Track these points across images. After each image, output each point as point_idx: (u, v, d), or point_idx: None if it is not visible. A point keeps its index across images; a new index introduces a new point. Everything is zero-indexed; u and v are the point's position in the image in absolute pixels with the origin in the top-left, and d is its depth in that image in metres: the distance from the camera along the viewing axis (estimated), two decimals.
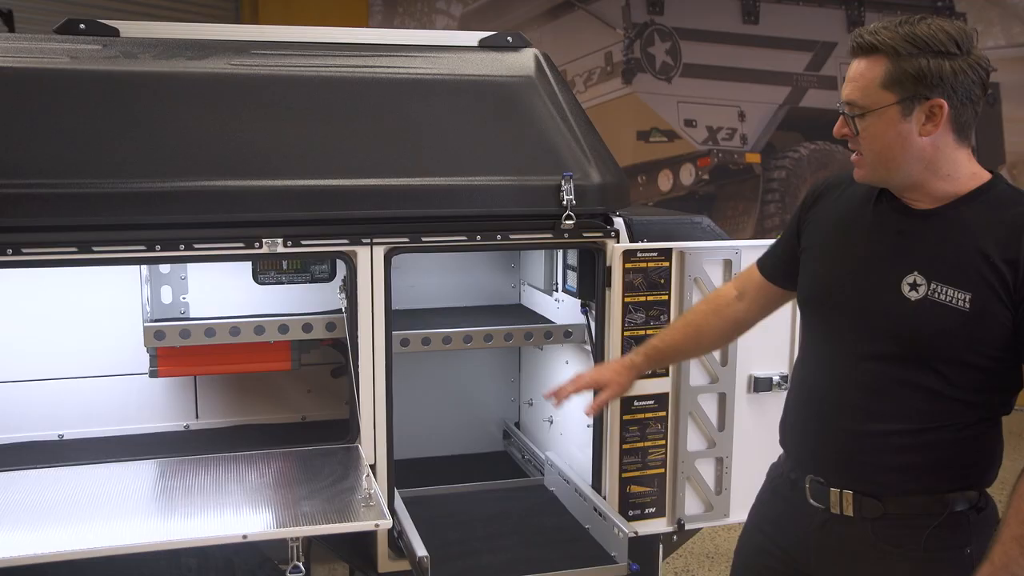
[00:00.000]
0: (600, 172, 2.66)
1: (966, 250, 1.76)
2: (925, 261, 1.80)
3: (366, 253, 2.50)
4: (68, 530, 2.10)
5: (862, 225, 1.92)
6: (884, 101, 1.74)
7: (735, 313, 2.26)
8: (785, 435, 2.10)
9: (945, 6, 6.95)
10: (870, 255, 1.88)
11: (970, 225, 1.77)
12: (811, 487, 1.96)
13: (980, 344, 1.75)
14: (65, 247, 2.28)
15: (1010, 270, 1.72)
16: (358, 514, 2.16)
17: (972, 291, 1.74)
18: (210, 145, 2.42)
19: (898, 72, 1.72)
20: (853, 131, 1.79)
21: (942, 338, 1.77)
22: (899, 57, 1.72)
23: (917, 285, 1.79)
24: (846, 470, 1.91)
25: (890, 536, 1.86)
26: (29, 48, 2.45)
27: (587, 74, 8.10)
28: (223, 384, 3.03)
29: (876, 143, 1.78)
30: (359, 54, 2.67)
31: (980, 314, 1.73)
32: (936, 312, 1.76)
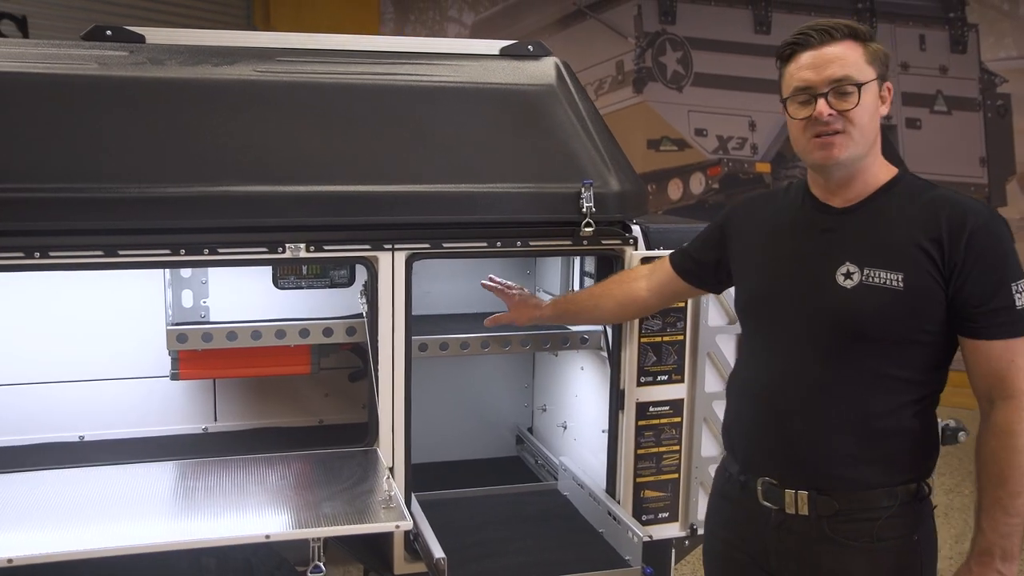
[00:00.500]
0: (619, 180, 2.69)
1: (892, 235, 1.90)
2: (854, 251, 1.92)
3: (388, 258, 2.53)
4: (90, 529, 2.13)
5: (790, 231, 2.06)
6: (871, 76, 1.89)
7: (636, 289, 2.50)
8: (732, 439, 2.17)
9: (958, 17, 6.97)
10: (802, 255, 2.01)
11: (890, 213, 1.92)
12: (763, 488, 2.04)
13: (918, 319, 1.88)
14: (91, 251, 2.32)
15: (936, 248, 1.85)
16: (378, 515, 2.19)
17: (903, 271, 1.87)
18: (234, 151, 2.45)
19: (871, 52, 1.90)
20: (856, 102, 1.86)
21: (882, 317, 1.88)
22: (867, 41, 1.91)
23: (851, 274, 1.91)
24: (801, 470, 1.99)
25: (844, 530, 1.96)
26: (57, 54, 2.49)
27: (598, 83, 8.17)
28: (241, 387, 3.06)
29: (866, 116, 1.89)
30: (382, 62, 2.71)
31: (914, 291, 1.86)
32: (872, 294, 1.89)
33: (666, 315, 2.73)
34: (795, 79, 1.92)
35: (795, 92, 1.92)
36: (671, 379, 2.77)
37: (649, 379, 2.76)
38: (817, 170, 1.98)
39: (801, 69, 1.90)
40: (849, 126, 1.88)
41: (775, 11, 7.49)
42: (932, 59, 7.07)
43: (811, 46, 1.89)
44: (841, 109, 1.87)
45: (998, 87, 6.94)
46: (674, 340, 2.76)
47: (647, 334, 2.73)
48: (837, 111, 1.87)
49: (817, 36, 1.89)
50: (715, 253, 2.30)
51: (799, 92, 1.91)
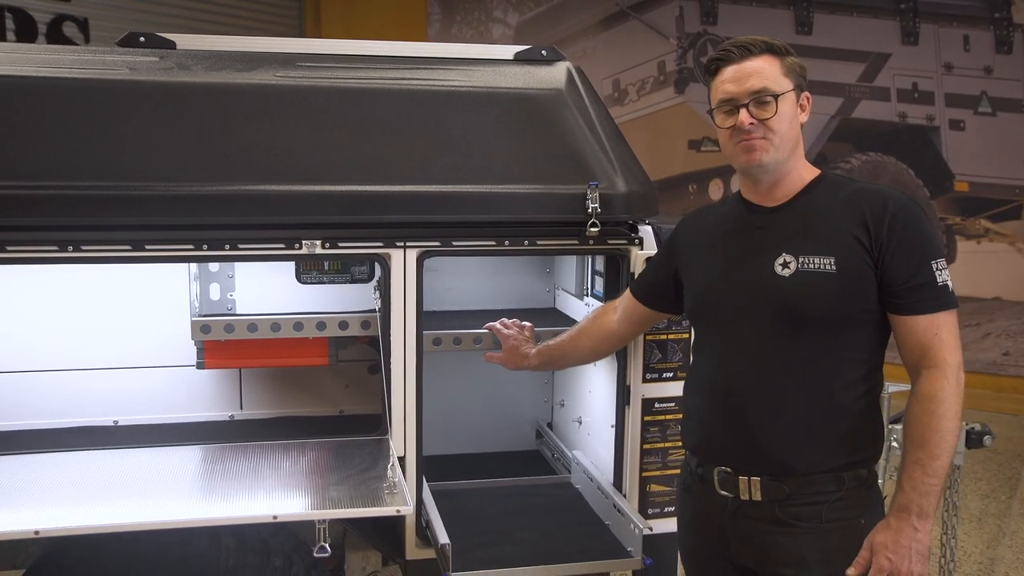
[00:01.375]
0: (626, 181, 2.76)
1: (822, 226, 2.07)
2: (789, 243, 2.09)
3: (400, 255, 2.64)
4: (114, 507, 2.28)
5: (727, 233, 2.24)
6: (788, 87, 2.07)
7: (608, 324, 2.66)
8: (689, 435, 2.31)
9: (1003, 17, 6.87)
10: (739, 253, 2.17)
11: (818, 207, 2.10)
12: (719, 478, 2.16)
13: (854, 299, 2.03)
14: (119, 245, 2.47)
15: (863, 232, 2.02)
16: (382, 500, 2.30)
17: (835, 255, 2.03)
18: (255, 152, 2.58)
19: (788, 65, 2.08)
20: (773, 111, 2.04)
21: (820, 299, 2.03)
22: (783, 55, 2.09)
23: (788, 263, 2.07)
24: (753, 457, 2.11)
25: (795, 514, 2.09)
26: (93, 60, 2.65)
27: (640, 83, 8.21)
28: (266, 377, 3.20)
29: (785, 124, 2.06)
30: (399, 67, 2.82)
31: (846, 272, 2.02)
32: (809, 279, 2.04)
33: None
34: (719, 91, 2.11)
35: (720, 103, 2.11)
36: (676, 376, 2.83)
37: (655, 376, 2.83)
38: (744, 173, 2.17)
39: (724, 82, 2.09)
40: (769, 132, 2.06)
41: (817, 12, 7.46)
42: (976, 60, 6.98)
43: (732, 61, 2.08)
44: (761, 118, 2.05)
45: None
46: (679, 338, 2.82)
47: (653, 332, 2.80)
48: (757, 120, 2.05)
49: (737, 52, 2.08)
50: (666, 270, 2.45)
51: (723, 103, 2.10)
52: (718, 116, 2.13)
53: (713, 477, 2.17)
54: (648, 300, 2.54)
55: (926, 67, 6.94)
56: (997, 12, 6.89)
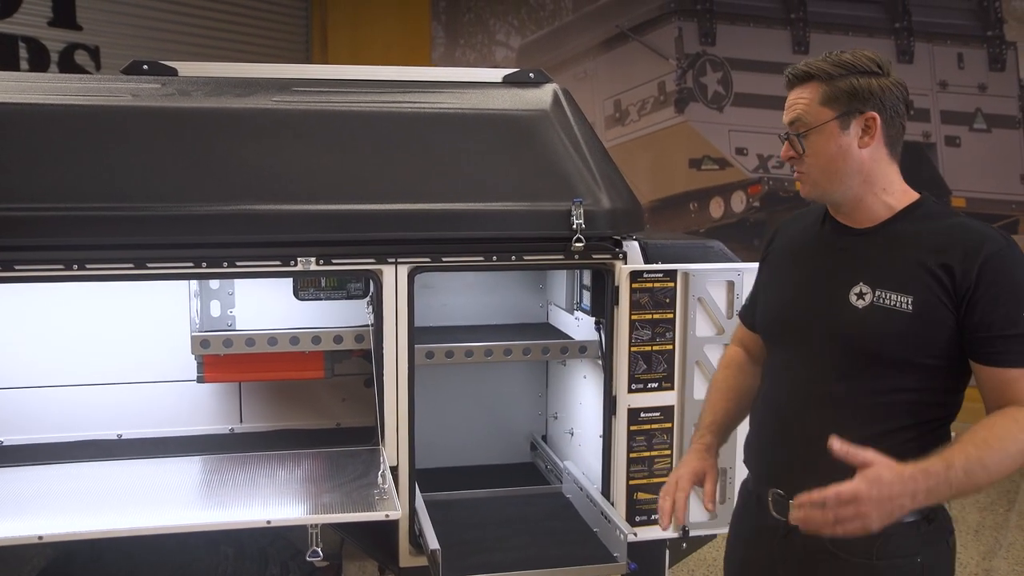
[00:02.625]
0: (610, 198, 2.86)
1: (905, 259, 1.91)
2: (869, 272, 1.95)
3: (391, 271, 2.74)
4: (118, 513, 2.38)
5: (808, 249, 2.09)
6: (824, 117, 1.91)
7: (756, 371, 2.33)
8: (749, 453, 2.21)
9: (996, 35, 6.96)
10: (817, 273, 2.04)
11: (907, 238, 1.93)
12: (773, 500, 2.07)
13: (927, 344, 1.88)
14: (122, 264, 2.57)
15: (947, 275, 1.85)
16: (373, 506, 2.39)
17: (914, 295, 1.87)
18: (251, 173, 2.69)
19: (833, 91, 1.91)
20: (800, 149, 1.94)
21: (891, 340, 1.90)
22: (832, 79, 1.92)
23: (863, 294, 1.94)
24: (804, 482, 1.94)
25: (844, 545, 1.94)
26: (98, 88, 2.77)
27: (641, 103, 8.32)
28: (266, 391, 3.30)
29: (819, 158, 1.93)
30: (391, 90, 2.94)
31: (923, 315, 1.86)
32: (883, 316, 1.90)
33: (655, 325, 2.88)
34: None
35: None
36: (661, 386, 2.92)
37: (640, 386, 2.91)
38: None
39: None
40: (804, 167, 1.97)
41: (813, 31, 7.56)
42: (971, 77, 7.06)
43: (788, 87, 2.00)
44: (787, 157, 1.99)
45: None
46: (663, 349, 2.91)
47: (637, 343, 2.89)
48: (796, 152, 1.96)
49: (791, 78, 1.99)
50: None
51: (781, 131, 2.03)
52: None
53: (767, 498, 2.09)
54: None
55: (921, 85, 7.03)
56: (990, 30, 6.98)
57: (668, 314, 2.89)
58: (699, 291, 2.89)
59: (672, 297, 2.89)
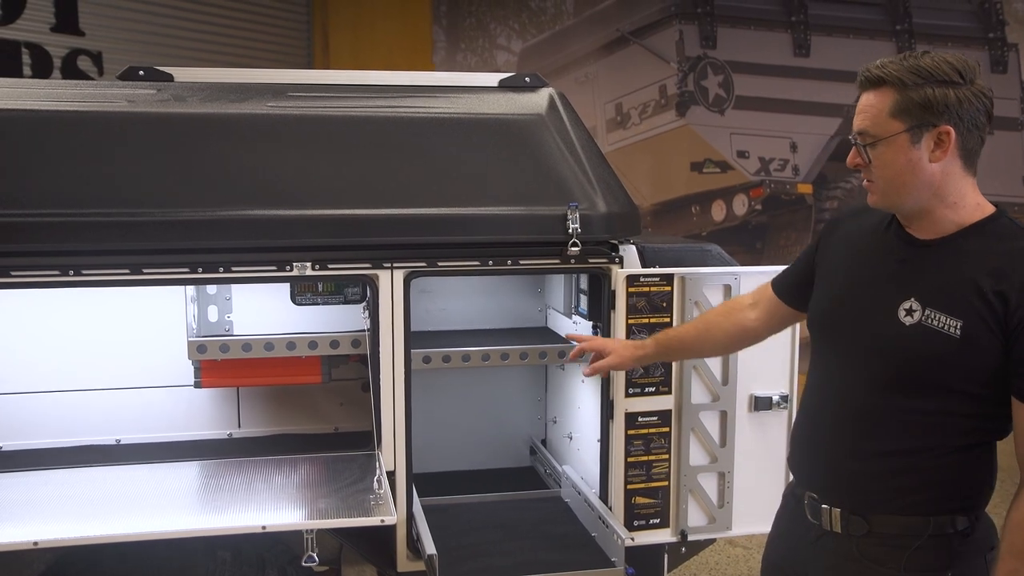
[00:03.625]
0: (606, 202, 2.85)
1: (961, 279, 1.83)
2: (922, 288, 1.88)
3: (387, 276, 2.74)
4: (115, 519, 2.38)
5: (869, 252, 2.02)
6: (893, 129, 1.83)
7: (744, 320, 2.40)
8: (792, 453, 2.21)
9: (997, 37, 6.95)
10: (872, 280, 1.98)
11: (969, 256, 1.85)
12: (809, 503, 2.07)
13: (970, 371, 1.82)
14: (118, 269, 2.58)
15: (1000, 302, 1.78)
16: (368, 510, 2.38)
17: (963, 319, 1.81)
18: (247, 178, 2.69)
19: (905, 101, 1.81)
20: (866, 160, 1.88)
21: (933, 363, 1.85)
22: (906, 87, 1.82)
23: (912, 311, 1.88)
24: (836, 488, 2.00)
25: (873, 554, 1.95)
26: (94, 94, 2.78)
27: (642, 107, 8.31)
28: (263, 396, 3.30)
29: (887, 170, 1.86)
30: (387, 95, 2.93)
31: (970, 342, 1.80)
32: (928, 337, 1.85)
33: (652, 329, 2.87)
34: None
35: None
36: (659, 391, 2.91)
37: (637, 390, 2.91)
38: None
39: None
40: (872, 176, 1.90)
41: (814, 34, 7.56)
42: None
43: (861, 88, 1.91)
44: (854, 164, 1.92)
45: None
46: None
47: None
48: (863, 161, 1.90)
49: (864, 81, 1.89)
50: (809, 268, 2.21)
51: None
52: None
53: (804, 501, 2.09)
54: (787, 297, 2.29)
55: None
56: (991, 32, 6.98)
57: (665, 318, 2.89)
58: (696, 295, 2.89)
59: (669, 301, 2.89)
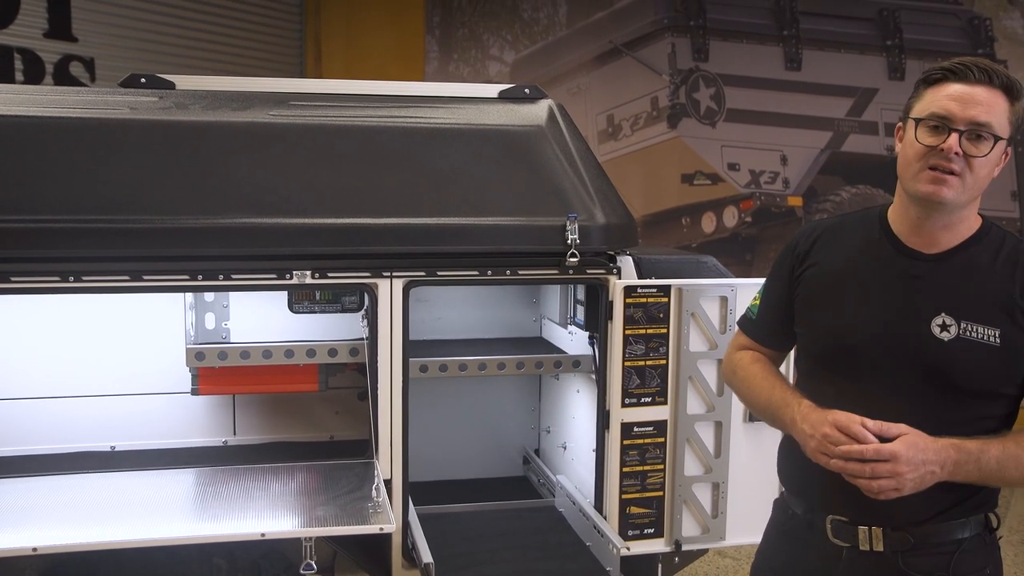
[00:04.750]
0: (605, 214, 2.88)
1: (986, 289, 1.88)
2: (949, 302, 1.89)
3: (386, 285, 2.75)
4: (112, 525, 2.38)
5: (872, 273, 1.99)
6: (1004, 133, 1.85)
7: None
8: (793, 478, 2.13)
9: (986, 54, 7.03)
10: (890, 301, 1.96)
11: (981, 264, 1.90)
12: (832, 526, 2.01)
13: (1012, 375, 1.89)
14: (118, 276, 2.58)
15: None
16: (367, 519, 2.39)
17: (999, 326, 1.86)
18: (248, 186, 2.70)
19: (1014, 112, 1.86)
20: (984, 152, 1.82)
21: (979, 373, 1.88)
22: (1014, 98, 1.86)
23: (947, 326, 1.89)
24: (875, 508, 1.93)
25: (920, 564, 1.95)
26: (96, 101, 2.79)
27: (634, 118, 8.35)
28: (259, 404, 3.30)
29: (985, 169, 1.85)
30: (388, 105, 2.95)
31: (1010, 346, 1.86)
32: (970, 349, 1.88)
33: (649, 340, 2.90)
34: (936, 105, 1.85)
35: (930, 117, 1.85)
36: (655, 401, 2.93)
37: (633, 401, 2.92)
38: (918, 202, 1.90)
39: (947, 98, 1.84)
40: (967, 172, 1.83)
41: (805, 48, 7.62)
42: None
43: (967, 80, 1.84)
44: (970, 153, 1.82)
45: None
46: (657, 364, 2.92)
47: (631, 358, 2.90)
48: (964, 153, 1.82)
49: (976, 73, 1.84)
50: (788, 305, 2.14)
51: (935, 118, 1.85)
52: (921, 130, 1.86)
53: (825, 525, 2.02)
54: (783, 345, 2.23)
55: None
56: (981, 48, 7.06)
57: (662, 329, 2.91)
58: (692, 306, 2.91)
59: (666, 312, 2.91)
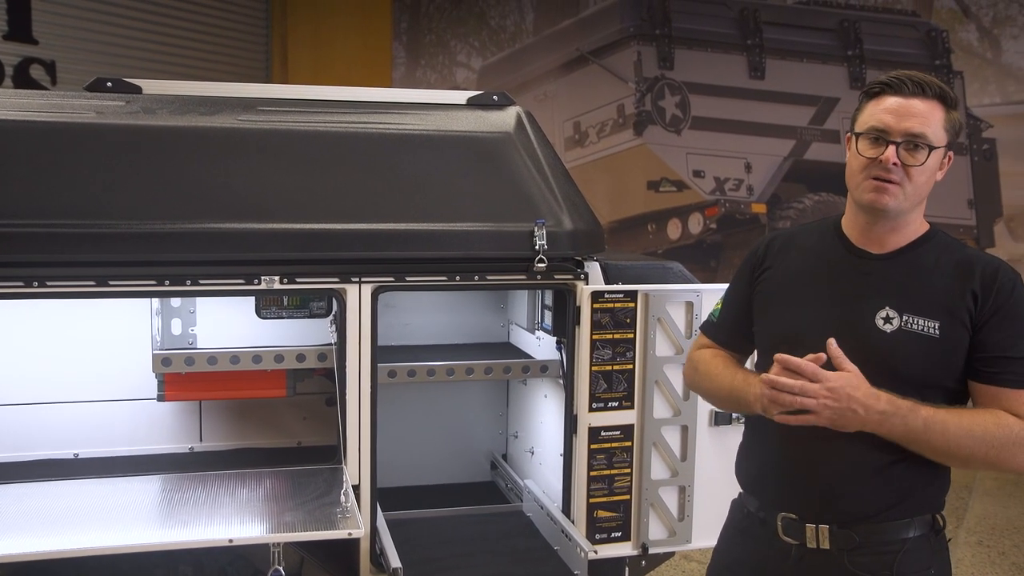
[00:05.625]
0: (572, 220, 2.90)
1: (930, 285, 1.98)
2: (894, 296, 1.98)
3: (355, 291, 2.75)
4: (76, 533, 2.35)
5: (825, 272, 2.09)
6: (941, 142, 1.93)
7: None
8: (749, 476, 2.19)
9: (943, 65, 7.17)
10: (839, 296, 2.05)
11: (928, 264, 2.00)
12: (783, 524, 2.06)
13: (950, 367, 1.96)
14: (83, 281, 2.56)
15: (971, 301, 1.95)
16: (335, 524, 2.39)
17: (939, 319, 1.95)
18: (216, 191, 2.69)
19: (950, 120, 1.95)
20: (921, 161, 1.91)
21: (919, 363, 1.96)
22: (949, 107, 1.96)
23: (890, 318, 1.98)
24: (821, 506, 2.02)
25: (864, 563, 1.99)
26: (61, 104, 2.76)
27: (600, 125, 8.42)
28: (226, 410, 3.28)
29: (924, 176, 1.93)
30: (357, 111, 2.96)
31: (948, 339, 1.94)
32: (911, 340, 1.96)
33: (616, 345, 2.92)
34: (874, 119, 1.94)
35: (869, 131, 1.94)
36: (621, 405, 2.96)
37: (600, 405, 2.94)
38: (863, 210, 2.01)
39: (884, 111, 1.93)
40: (906, 180, 1.92)
41: (769, 58, 7.73)
42: None
43: (901, 93, 1.93)
44: (907, 163, 1.91)
45: (983, 132, 7.13)
46: (624, 369, 2.95)
47: (598, 363, 2.92)
48: (902, 163, 1.91)
49: (911, 86, 1.93)
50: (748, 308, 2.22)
51: (873, 131, 1.94)
52: (862, 142, 1.96)
53: (776, 523, 2.07)
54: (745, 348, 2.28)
55: None
56: (938, 60, 7.21)
57: (628, 334, 2.93)
58: (659, 311, 2.94)
59: (633, 317, 2.94)
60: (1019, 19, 7.03)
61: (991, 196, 7.14)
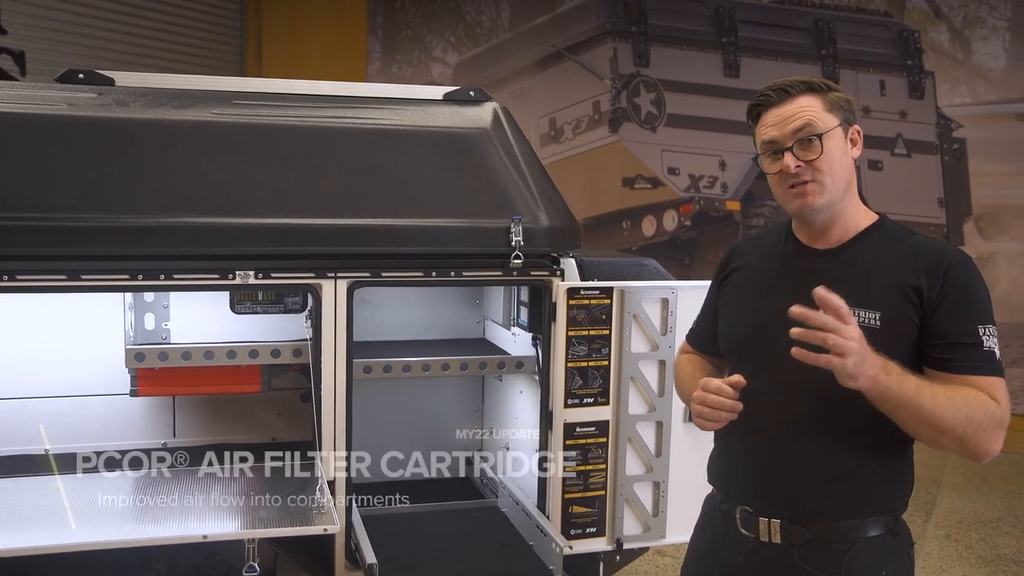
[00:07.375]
0: (548, 216, 2.91)
1: (872, 279, 1.98)
2: (835, 291, 1.94)
3: (330, 286, 2.74)
4: (47, 530, 2.33)
5: (774, 271, 2.14)
6: (832, 123, 1.97)
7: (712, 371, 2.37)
8: (716, 471, 2.23)
9: (915, 65, 7.25)
10: (785, 294, 2.01)
11: (871, 258, 2.00)
12: (741, 517, 2.10)
13: (896, 356, 1.89)
14: (55, 275, 2.53)
15: (915, 293, 1.94)
16: (310, 520, 2.38)
17: (880, 311, 1.94)
18: (190, 185, 2.67)
19: (831, 101, 1.98)
20: (820, 150, 1.95)
21: None
22: (824, 92, 1.99)
23: None
24: (774, 500, 2.05)
25: (815, 560, 2.00)
26: (32, 96, 2.73)
27: (576, 122, 8.43)
28: (200, 406, 3.26)
29: (834, 163, 1.96)
30: (333, 105, 2.94)
31: (891, 329, 1.93)
32: None
33: (592, 341, 2.94)
34: (762, 136, 2.02)
35: (764, 147, 2.01)
36: (597, 401, 2.97)
37: (576, 401, 2.96)
38: (798, 218, 2.06)
39: (766, 127, 2.00)
40: (818, 174, 1.95)
41: (743, 56, 7.77)
42: (892, 104, 7.34)
43: (772, 105, 1.99)
44: (807, 159, 1.95)
45: (954, 132, 7.21)
46: (599, 365, 2.96)
47: (574, 359, 2.93)
48: (804, 162, 1.95)
49: (775, 95, 1.99)
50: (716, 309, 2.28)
51: (767, 146, 2.00)
52: (764, 162, 2.03)
53: (735, 515, 2.11)
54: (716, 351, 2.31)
55: None
56: (909, 60, 7.27)
57: (604, 330, 2.95)
58: (634, 308, 2.96)
59: (608, 314, 2.95)
60: (989, 21, 7.12)
61: (961, 195, 7.22)
